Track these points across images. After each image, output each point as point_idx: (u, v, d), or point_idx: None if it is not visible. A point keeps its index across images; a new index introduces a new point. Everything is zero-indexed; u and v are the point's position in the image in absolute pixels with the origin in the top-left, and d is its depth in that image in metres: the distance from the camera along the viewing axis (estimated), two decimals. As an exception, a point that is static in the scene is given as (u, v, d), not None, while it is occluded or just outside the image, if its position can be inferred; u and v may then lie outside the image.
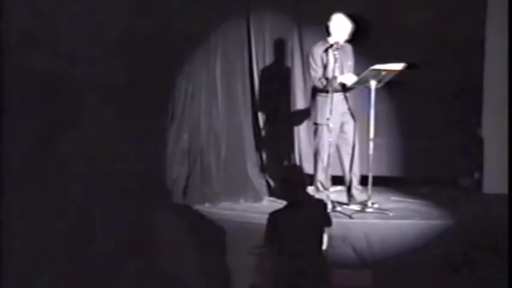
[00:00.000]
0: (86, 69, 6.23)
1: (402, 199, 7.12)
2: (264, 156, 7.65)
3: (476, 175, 7.50)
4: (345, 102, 6.68)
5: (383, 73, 6.44)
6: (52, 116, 6.09)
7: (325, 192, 6.59)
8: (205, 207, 6.88)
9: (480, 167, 7.46)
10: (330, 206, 6.46)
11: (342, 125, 6.68)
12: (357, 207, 6.55)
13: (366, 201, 6.51)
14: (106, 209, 6.06)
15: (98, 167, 6.28)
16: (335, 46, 6.57)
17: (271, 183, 7.52)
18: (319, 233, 4.66)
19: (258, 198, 7.24)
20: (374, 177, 6.57)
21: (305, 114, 7.39)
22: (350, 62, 6.75)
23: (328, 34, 6.69)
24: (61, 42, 6.09)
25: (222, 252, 4.70)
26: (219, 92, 7.37)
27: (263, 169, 7.61)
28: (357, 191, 6.73)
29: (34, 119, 5.94)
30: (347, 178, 6.76)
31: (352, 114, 6.70)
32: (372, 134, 6.53)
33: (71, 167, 6.12)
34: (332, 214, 6.36)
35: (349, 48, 6.77)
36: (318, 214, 4.70)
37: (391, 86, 6.69)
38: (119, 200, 6.19)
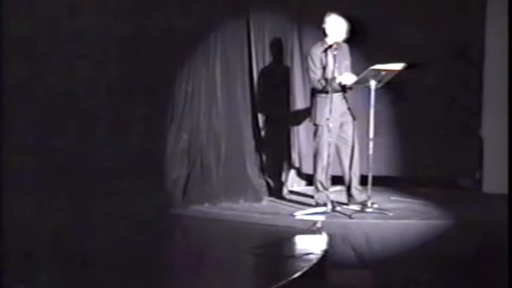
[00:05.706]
0: (85, 69, 6.23)
1: (402, 199, 7.11)
2: (264, 156, 7.64)
3: (476, 175, 7.50)
4: (344, 102, 6.67)
5: (383, 73, 6.43)
6: (51, 119, 6.09)
7: (325, 192, 6.58)
8: (205, 207, 6.89)
9: (480, 167, 7.46)
10: (329, 206, 6.48)
11: (341, 125, 6.67)
12: (356, 207, 6.54)
13: (366, 201, 6.50)
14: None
15: (98, 166, 6.29)
16: (334, 46, 6.56)
17: (271, 183, 7.52)
18: None
19: (258, 198, 7.23)
20: (374, 177, 6.55)
21: (304, 115, 7.39)
22: (347, 62, 6.75)
23: (325, 35, 6.68)
24: (60, 42, 6.09)
25: None
26: (218, 92, 7.35)
27: (263, 169, 7.60)
28: (356, 191, 6.72)
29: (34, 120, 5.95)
30: (347, 178, 6.74)
31: (352, 114, 6.70)
32: (371, 134, 6.52)
33: (71, 167, 6.12)
34: (332, 214, 6.43)
35: (345, 47, 6.76)
36: None
37: (391, 86, 6.68)
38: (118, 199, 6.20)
